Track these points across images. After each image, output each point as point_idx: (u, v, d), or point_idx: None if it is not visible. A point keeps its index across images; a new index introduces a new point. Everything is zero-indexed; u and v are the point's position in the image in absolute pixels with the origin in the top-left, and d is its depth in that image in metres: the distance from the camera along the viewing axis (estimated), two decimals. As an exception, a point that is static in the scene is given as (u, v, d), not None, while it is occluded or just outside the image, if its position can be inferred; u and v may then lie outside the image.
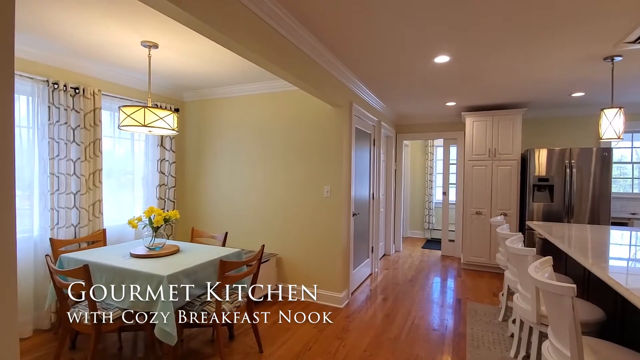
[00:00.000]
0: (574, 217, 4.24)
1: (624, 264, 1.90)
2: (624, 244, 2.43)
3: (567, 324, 1.22)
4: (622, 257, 2.15)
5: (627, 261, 2.00)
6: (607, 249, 2.28)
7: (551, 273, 1.55)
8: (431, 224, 7.20)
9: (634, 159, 4.79)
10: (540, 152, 4.36)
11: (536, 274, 1.42)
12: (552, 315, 1.38)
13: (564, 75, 3.30)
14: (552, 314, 1.38)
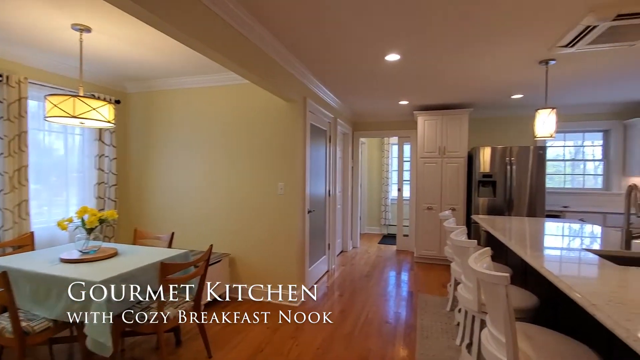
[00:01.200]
0: (514, 211, 4.55)
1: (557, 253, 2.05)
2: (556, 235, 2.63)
3: (502, 311, 1.27)
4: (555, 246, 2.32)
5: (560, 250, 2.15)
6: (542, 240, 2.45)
7: (489, 263, 1.62)
8: (387, 219, 7.41)
9: (566, 157, 5.26)
10: (485, 150, 4.63)
11: (475, 264, 1.47)
12: (489, 304, 1.44)
13: (505, 78, 3.52)
14: (489, 303, 1.44)
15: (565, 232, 2.70)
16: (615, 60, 2.95)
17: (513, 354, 1.24)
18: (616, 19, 2.00)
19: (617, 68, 3.20)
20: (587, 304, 1.14)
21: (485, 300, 1.50)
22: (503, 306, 1.25)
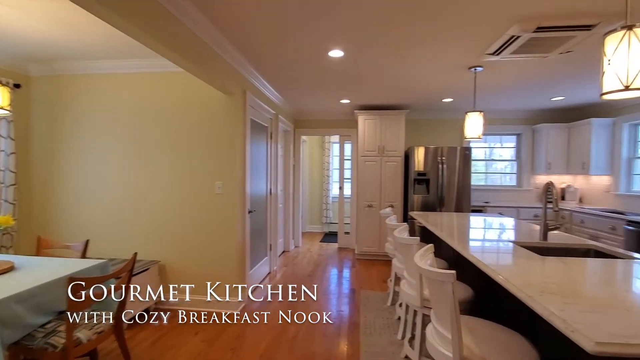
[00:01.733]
0: (444, 206, 4.88)
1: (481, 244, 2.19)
2: (487, 229, 2.84)
3: (447, 308, 1.28)
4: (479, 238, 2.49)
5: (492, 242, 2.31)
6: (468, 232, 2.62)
7: (433, 260, 1.65)
8: (329, 217, 7.46)
9: (486, 157, 5.81)
10: (419, 150, 4.89)
11: (421, 262, 1.47)
12: (435, 300, 1.46)
13: (439, 82, 3.73)
14: (435, 299, 1.46)
15: (493, 226, 2.93)
16: (528, 71, 3.29)
17: (459, 350, 1.25)
18: (536, 30, 2.20)
19: (529, 79, 3.58)
20: (525, 296, 1.19)
21: (431, 296, 1.52)
22: (449, 303, 1.26)
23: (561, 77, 3.55)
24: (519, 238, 2.33)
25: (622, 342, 0.86)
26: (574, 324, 0.96)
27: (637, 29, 1.28)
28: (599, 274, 1.51)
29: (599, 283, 1.43)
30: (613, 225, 3.83)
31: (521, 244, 2.13)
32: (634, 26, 1.28)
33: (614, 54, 1.33)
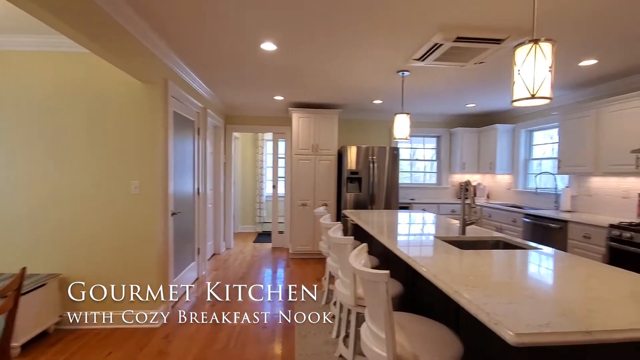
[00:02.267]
0: (375, 204, 5.08)
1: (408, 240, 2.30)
2: (407, 224, 2.99)
3: (381, 308, 1.28)
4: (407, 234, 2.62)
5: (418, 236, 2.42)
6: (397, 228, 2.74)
7: (367, 259, 1.66)
8: (262, 217, 7.27)
9: (413, 157, 6.22)
10: (352, 149, 5.01)
11: (355, 262, 1.46)
12: (369, 300, 1.45)
13: (370, 83, 3.84)
14: (369, 299, 1.45)
15: (418, 222, 3.10)
16: (448, 79, 3.58)
17: (392, 349, 1.26)
18: (456, 40, 2.37)
19: (449, 86, 3.90)
20: (452, 291, 1.24)
21: (365, 296, 1.52)
22: (383, 303, 1.26)
23: (474, 86, 3.93)
24: (441, 233, 2.49)
25: (537, 332, 0.92)
26: (496, 316, 1.01)
27: (541, 43, 1.43)
28: (509, 265, 1.67)
29: (511, 273, 1.57)
30: (514, 218, 4.39)
31: (443, 238, 2.27)
32: (539, 40, 1.43)
33: (522, 64, 1.46)
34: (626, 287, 1.32)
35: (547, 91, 1.44)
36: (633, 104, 3.17)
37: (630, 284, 1.36)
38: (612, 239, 2.94)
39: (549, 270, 1.61)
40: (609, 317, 1.03)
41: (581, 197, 4.09)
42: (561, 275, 1.54)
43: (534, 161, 5.11)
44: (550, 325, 0.96)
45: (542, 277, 1.48)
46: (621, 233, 2.87)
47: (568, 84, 3.78)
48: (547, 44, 1.43)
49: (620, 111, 3.29)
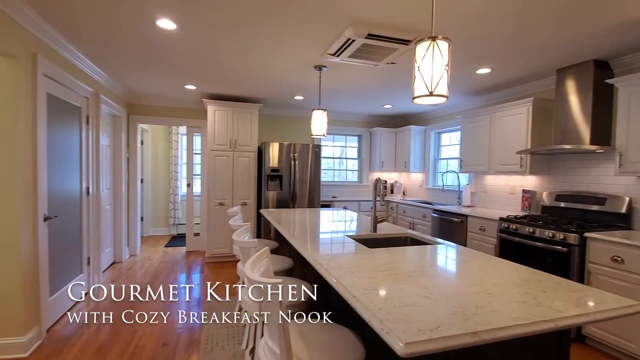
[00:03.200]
0: (297, 202, 4.99)
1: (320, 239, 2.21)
2: (323, 222, 2.93)
3: (275, 320, 1.14)
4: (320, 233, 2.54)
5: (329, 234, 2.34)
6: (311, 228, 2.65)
7: (268, 265, 1.50)
8: (177, 218, 6.65)
9: (335, 155, 6.28)
10: (273, 146, 4.83)
11: (248, 268, 1.29)
12: (264, 312, 1.30)
13: (288, 78, 3.70)
14: (264, 310, 1.30)
15: (334, 220, 3.06)
16: (365, 78, 3.63)
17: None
18: (368, 37, 2.35)
19: (366, 85, 3.97)
20: (350, 296, 1.15)
21: (261, 307, 1.36)
22: (276, 315, 1.12)
23: (389, 87, 4.07)
24: (354, 231, 2.47)
25: (427, 338, 0.86)
26: (389, 323, 0.94)
27: (439, 41, 1.43)
28: (411, 262, 1.67)
29: (411, 272, 1.57)
30: (424, 214, 4.69)
31: (355, 237, 2.24)
32: (437, 38, 1.43)
33: (422, 61, 1.46)
34: (512, 279, 1.39)
35: (444, 89, 1.45)
36: (517, 110, 3.59)
37: (516, 275, 1.44)
38: (502, 230, 3.28)
39: (446, 265, 1.65)
40: (495, 314, 1.03)
41: (479, 194, 4.54)
42: (456, 270, 1.58)
43: (442, 160, 5.55)
44: (440, 329, 0.91)
45: (439, 274, 1.49)
46: (508, 225, 3.21)
47: (468, 90, 4.15)
48: (444, 43, 1.45)
49: (508, 117, 3.71)
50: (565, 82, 3.13)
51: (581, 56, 2.88)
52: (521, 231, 3.08)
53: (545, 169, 3.56)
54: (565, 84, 3.13)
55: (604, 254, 2.48)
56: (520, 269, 1.54)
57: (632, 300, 1.17)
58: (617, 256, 2.39)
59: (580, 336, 2.66)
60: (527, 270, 1.51)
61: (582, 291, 1.25)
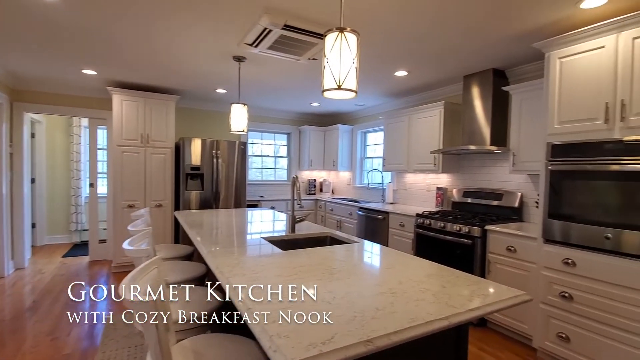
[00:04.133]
0: (221, 203, 4.69)
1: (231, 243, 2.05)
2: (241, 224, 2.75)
3: (152, 342, 0.96)
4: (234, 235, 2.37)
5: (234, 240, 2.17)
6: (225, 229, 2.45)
7: (156, 277, 1.30)
8: (80, 223, 5.81)
9: (263, 153, 6.08)
10: (194, 142, 4.46)
11: (128, 281, 1.08)
12: (147, 334, 1.10)
13: (205, 68, 3.42)
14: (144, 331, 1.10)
15: (254, 220, 2.90)
16: (289, 73, 3.52)
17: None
18: (285, 27, 2.24)
19: (290, 81, 3.87)
20: (245, 309, 1.02)
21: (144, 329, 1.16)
22: (152, 337, 0.94)
23: (313, 84, 4.03)
24: (273, 232, 2.34)
25: (317, 353, 0.77)
26: (279, 338, 0.83)
27: (347, 33, 1.38)
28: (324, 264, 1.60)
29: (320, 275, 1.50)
30: (350, 212, 4.77)
31: (271, 238, 2.12)
32: (345, 29, 1.37)
33: (330, 52, 1.39)
34: (417, 276, 1.39)
35: (353, 84, 1.40)
36: (431, 113, 3.82)
37: (420, 272, 1.46)
38: (418, 226, 3.46)
39: (357, 265, 1.62)
40: (393, 316, 0.99)
41: (400, 191, 4.76)
42: (365, 269, 1.56)
43: (369, 159, 5.72)
44: (334, 340, 0.83)
45: (347, 275, 1.45)
46: (423, 221, 3.40)
47: (389, 91, 4.31)
48: (353, 35, 1.40)
49: (423, 118, 3.94)
50: (471, 88, 3.40)
51: (483, 65, 3.15)
52: (434, 226, 3.28)
53: (455, 168, 3.86)
54: (470, 89, 3.41)
55: (501, 244, 2.73)
56: (424, 264, 1.57)
57: (518, 290, 1.24)
58: (510, 246, 2.66)
59: (482, 320, 2.90)
60: (432, 266, 1.55)
61: (476, 284, 1.30)
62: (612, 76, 2.01)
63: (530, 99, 2.86)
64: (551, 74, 2.33)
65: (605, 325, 2.02)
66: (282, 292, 1.16)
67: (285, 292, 1.16)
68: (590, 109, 2.12)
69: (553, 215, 2.29)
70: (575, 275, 2.16)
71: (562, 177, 2.25)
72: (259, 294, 1.13)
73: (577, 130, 2.19)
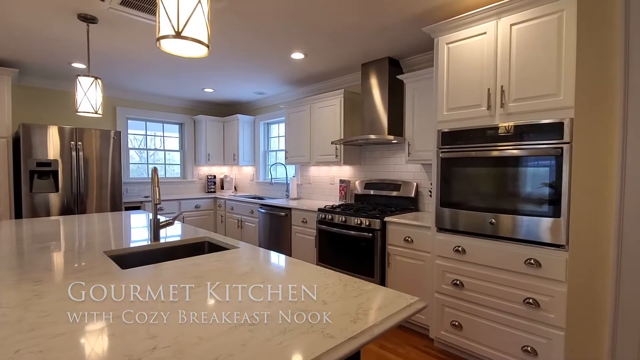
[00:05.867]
0: (87, 207, 3.77)
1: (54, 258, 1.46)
2: (87, 233, 2.10)
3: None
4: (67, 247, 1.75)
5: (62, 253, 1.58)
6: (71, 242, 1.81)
7: None
8: None
9: (150, 146, 5.19)
10: (42, 130, 3.46)
11: None
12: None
13: (47, 30, 2.58)
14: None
15: (111, 228, 2.26)
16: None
17: None
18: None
19: (167, 57, 3.25)
20: None
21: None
22: None
23: (202, 65, 3.47)
24: (127, 242, 1.79)
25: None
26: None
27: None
28: (169, 287, 1.17)
29: (154, 306, 1.07)
30: (252, 209, 4.35)
31: (116, 252, 1.59)
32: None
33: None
34: (298, 291, 1.07)
35: (199, 33, 1.00)
36: (331, 102, 3.64)
37: (306, 284, 1.15)
38: (320, 221, 3.24)
39: (219, 285, 1.23)
40: None
41: (304, 186, 4.52)
42: (224, 291, 1.18)
43: (272, 153, 5.36)
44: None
45: (193, 305, 1.06)
46: (325, 216, 3.19)
47: (289, 78, 4.00)
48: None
49: (324, 108, 3.74)
50: (369, 76, 3.30)
51: (380, 52, 3.06)
52: (336, 221, 3.09)
53: (357, 159, 3.76)
54: (368, 78, 3.31)
55: (399, 235, 2.66)
56: (311, 270, 1.27)
57: (412, 297, 1.02)
58: (408, 236, 2.60)
59: (384, 315, 2.82)
60: (319, 272, 1.26)
61: (366, 294, 1.05)
62: (493, 63, 2.02)
63: (422, 88, 2.86)
64: (440, 60, 2.29)
65: (491, 309, 2.04)
66: (70, 344, 0.70)
67: (71, 343, 0.71)
68: (474, 95, 2.12)
69: (444, 203, 2.26)
70: (465, 262, 2.16)
71: (451, 164, 2.23)
72: (40, 344, 0.65)
73: (463, 117, 2.18)
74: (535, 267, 1.86)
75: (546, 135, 1.82)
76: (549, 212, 1.81)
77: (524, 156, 1.90)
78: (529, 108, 1.89)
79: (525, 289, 1.90)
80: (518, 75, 1.92)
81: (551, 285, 1.82)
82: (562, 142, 1.77)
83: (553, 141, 1.79)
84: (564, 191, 1.76)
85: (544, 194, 1.83)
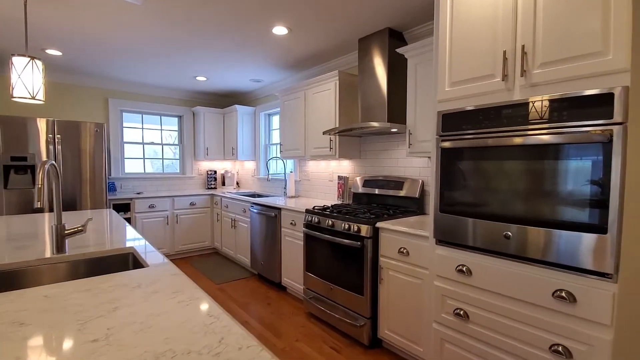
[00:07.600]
0: (69, 204, 3.57)
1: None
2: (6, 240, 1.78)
3: None
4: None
5: None
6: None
7: None
8: None
9: (145, 141, 4.96)
10: (15, 123, 3.26)
11: None
12: None
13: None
14: None
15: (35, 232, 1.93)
16: (130, 24, 2.56)
17: None
18: None
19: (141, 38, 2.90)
20: None
21: None
22: None
23: (189, 46, 3.11)
24: (29, 254, 1.44)
25: None
26: None
27: None
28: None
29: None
30: (244, 208, 3.97)
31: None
32: None
33: None
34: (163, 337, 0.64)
35: None
36: (326, 86, 3.16)
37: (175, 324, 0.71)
38: (306, 224, 2.79)
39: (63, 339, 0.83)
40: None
41: (303, 182, 4.08)
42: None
43: (274, 146, 4.95)
44: None
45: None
46: (312, 218, 2.73)
47: (280, 62, 3.56)
48: None
49: (319, 93, 3.26)
50: (366, 53, 2.79)
51: (378, 22, 2.54)
52: (322, 224, 2.63)
53: (356, 153, 3.26)
54: (366, 55, 2.79)
55: (393, 245, 2.16)
56: (196, 316, 0.83)
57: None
58: (403, 247, 2.09)
59: (376, 340, 2.33)
60: (204, 319, 0.81)
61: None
62: (511, 14, 1.46)
63: (426, 62, 2.31)
64: (441, 19, 1.75)
65: (504, 352, 1.50)
66: None
67: None
68: (485, 62, 1.56)
69: (445, 208, 1.73)
70: (471, 287, 1.62)
71: (454, 156, 1.69)
72: None
73: (470, 94, 1.63)
74: (568, 302, 1.31)
75: (587, 114, 1.25)
76: (590, 225, 1.25)
77: (552, 144, 1.34)
78: (561, 75, 1.32)
79: (553, 331, 1.35)
80: (546, 28, 1.35)
81: (590, 329, 1.26)
82: (612, 122, 1.20)
83: (598, 121, 1.23)
84: (614, 195, 1.20)
85: (582, 199, 1.27)
